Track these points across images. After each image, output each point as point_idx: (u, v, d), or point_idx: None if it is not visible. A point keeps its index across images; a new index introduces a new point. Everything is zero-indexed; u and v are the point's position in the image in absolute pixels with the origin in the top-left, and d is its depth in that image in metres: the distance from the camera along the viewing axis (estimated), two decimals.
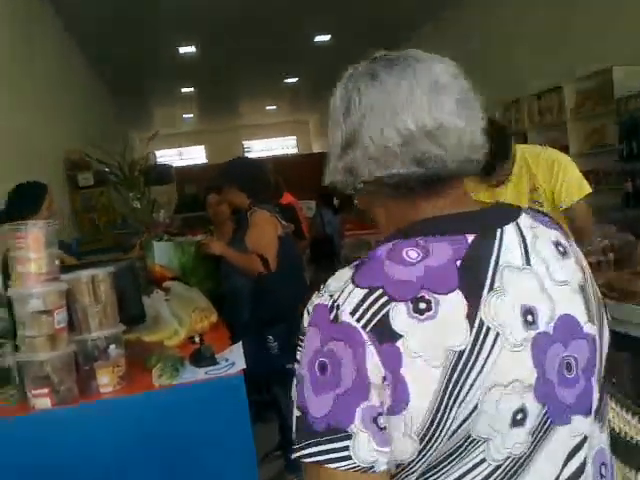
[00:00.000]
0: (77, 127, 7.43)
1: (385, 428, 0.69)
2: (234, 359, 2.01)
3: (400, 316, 0.69)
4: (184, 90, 12.41)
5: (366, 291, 0.71)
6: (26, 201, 2.84)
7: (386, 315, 0.69)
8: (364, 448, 0.68)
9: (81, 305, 1.85)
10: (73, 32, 7.62)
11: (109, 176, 6.34)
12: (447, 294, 0.71)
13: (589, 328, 0.80)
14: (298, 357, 0.74)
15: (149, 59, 9.38)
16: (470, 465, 0.73)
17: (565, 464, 0.77)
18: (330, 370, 0.69)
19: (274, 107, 16.03)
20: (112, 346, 1.88)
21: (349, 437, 0.68)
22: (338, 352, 0.69)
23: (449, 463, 0.73)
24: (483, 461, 0.73)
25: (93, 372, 1.83)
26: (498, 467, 0.73)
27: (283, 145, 18.77)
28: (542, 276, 0.78)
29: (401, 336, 0.68)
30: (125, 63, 9.26)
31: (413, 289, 0.70)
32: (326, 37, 9.40)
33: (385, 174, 0.77)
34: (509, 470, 0.74)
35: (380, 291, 0.70)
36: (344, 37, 9.20)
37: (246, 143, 18.31)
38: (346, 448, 0.67)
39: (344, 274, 0.74)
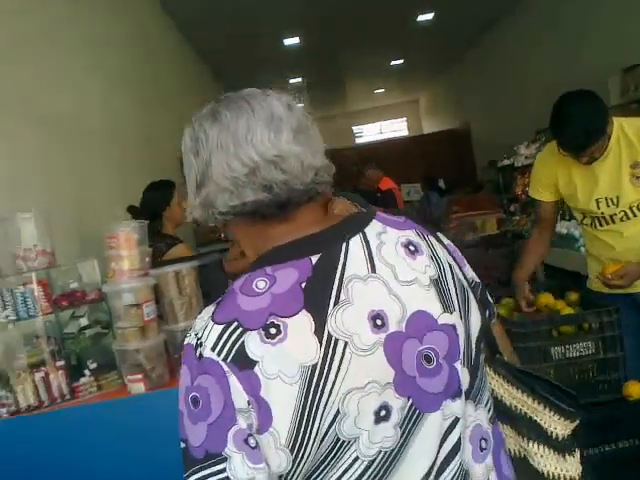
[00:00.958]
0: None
1: (257, 446, 0.75)
2: None
3: (254, 343, 0.76)
4: (292, 81, 12.65)
5: (223, 326, 0.78)
6: (157, 197, 3.15)
7: (242, 345, 0.76)
8: (240, 468, 0.74)
9: (168, 298, 1.99)
10: (185, 31, 8.03)
11: None
12: (293, 316, 0.77)
13: (446, 318, 0.86)
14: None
15: (256, 53, 9.67)
16: (346, 465, 0.78)
17: (440, 447, 0.83)
18: (201, 402, 0.76)
19: (382, 90, 15.91)
20: None
21: (225, 460, 0.74)
22: (205, 385, 0.76)
23: (325, 467, 0.79)
24: (357, 459, 0.78)
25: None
26: (372, 462, 0.79)
27: (394, 128, 18.60)
28: (388, 280, 0.83)
29: (257, 362, 0.75)
30: (234, 58, 9.61)
31: (263, 317, 0.77)
32: (429, 16, 9.21)
33: (238, 203, 0.84)
34: (384, 464, 0.80)
35: (235, 324, 0.77)
36: (446, 15, 8.99)
37: (356, 128, 18.34)
38: (223, 470, 0.74)
39: (207, 312, 0.82)
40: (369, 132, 18.54)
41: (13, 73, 3.13)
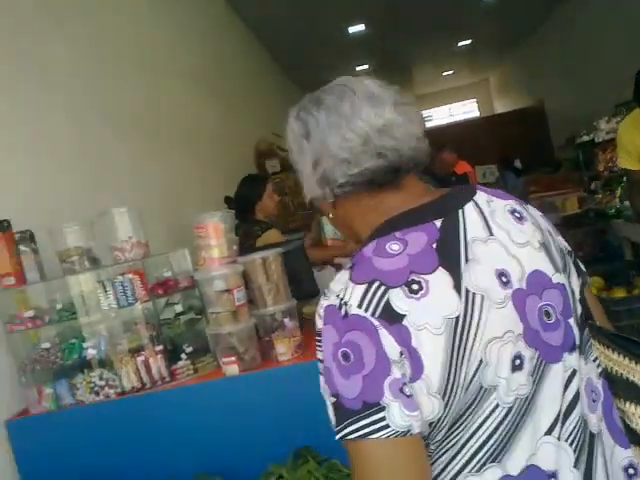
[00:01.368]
0: (263, 118, 7.98)
1: (411, 395, 0.80)
2: None
3: (399, 299, 0.81)
4: (359, 68, 12.61)
5: (365, 285, 0.82)
6: (251, 190, 3.35)
7: (387, 301, 0.81)
8: (398, 415, 0.78)
9: (256, 284, 2.07)
10: (254, 30, 8.17)
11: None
12: (432, 273, 0.83)
13: (558, 278, 0.92)
14: (320, 356, 0.86)
15: (322, 43, 9.71)
16: (487, 412, 0.85)
17: (563, 395, 0.90)
18: (353, 357, 0.80)
19: (451, 72, 15.61)
20: (287, 319, 2.08)
21: (383, 409, 0.78)
22: (356, 341, 0.80)
23: (470, 413, 0.85)
24: (497, 407, 0.85)
25: (272, 342, 2.05)
26: (510, 409, 0.85)
27: (464, 110, 18.22)
28: (505, 242, 0.90)
29: (404, 315, 0.80)
30: (300, 48, 9.68)
31: (403, 275, 0.82)
32: None
33: (356, 171, 0.91)
34: (520, 410, 0.86)
35: (377, 283, 0.82)
36: None
37: (425, 112, 18.08)
38: (383, 419, 0.78)
39: (343, 276, 0.86)
40: (438, 115, 18.24)
41: (97, 73, 3.30)
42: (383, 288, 0.81)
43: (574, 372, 0.92)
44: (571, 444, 0.89)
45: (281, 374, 2.01)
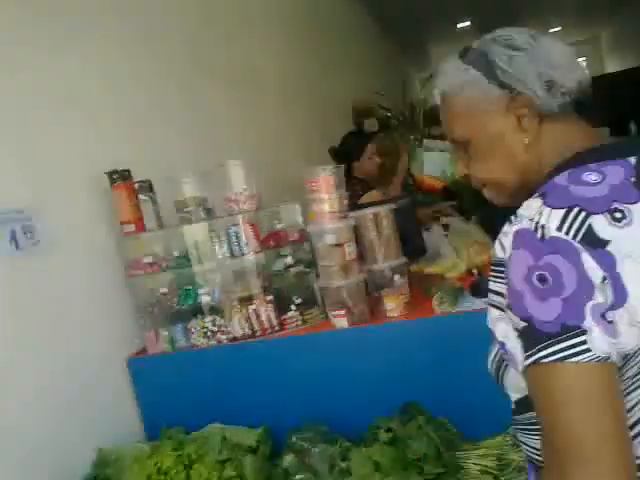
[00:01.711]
0: (362, 76, 7.88)
1: (612, 322, 0.76)
2: None
3: (601, 226, 0.78)
4: (460, 25, 12.14)
5: (564, 210, 0.79)
6: (352, 146, 3.32)
7: (589, 226, 0.78)
8: (600, 340, 0.75)
9: (367, 239, 2.06)
10: None
11: (391, 120, 6.63)
12: (635, 203, 0.80)
13: None
14: (496, 287, 0.86)
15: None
16: None
17: None
18: (551, 280, 0.77)
19: (559, 28, 14.71)
20: (396, 276, 2.07)
21: (584, 332, 0.75)
22: (555, 263, 0.77)
23: None
24: None
25: (381, 298, 2.04)
26: None
27: None
28: None
29: (608, 241, 0.77)
30: (399, 6, 9.42)
31: (606, 203, 0.80)
32: None
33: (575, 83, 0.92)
34: None
35: (577, 208, 0.79)
36: None
37: None
38: (583, 342, 0.75)
39: (534, 203, 0.83)
40: None
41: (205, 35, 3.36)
42: (584, 214, 0.79)
43: None
44: None
45: (389, 330, 2.01)
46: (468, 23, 12.13)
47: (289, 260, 2.18)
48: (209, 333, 2.13)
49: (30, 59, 2.06)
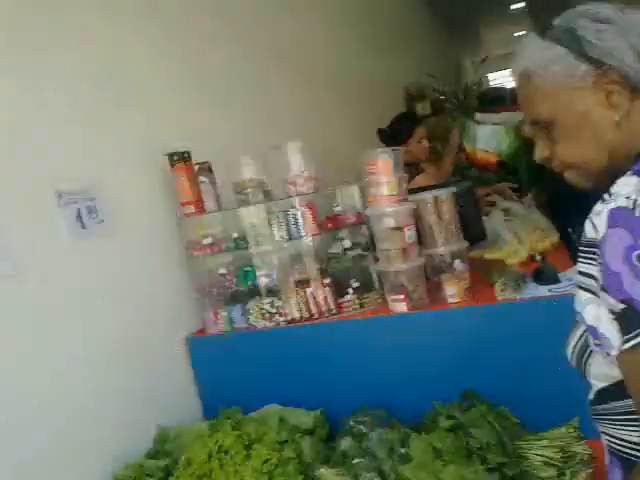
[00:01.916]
0: (413, 60, 7.75)
1: None
2: None
3: None
4: (513, 7, 11.79)
5: None
6: (401, 129, 3.26)
7: None
8: None
9: (427, 223, 2.03)
10: None
11: (444, 103, 6.52)
12: None
13: None
14: (586, 269, 0.82)
15: None
16: None
17: None
18: None
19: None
20: (457, 261, 2.03)
21: None
22: None
23: None
24: None
25: (441, 283, 2.01)
26: None
27: None
28: None
29: None
30: None
31: None
32: None
33: None
34: None
35: None
36: None
37: None
38: None
39: (630, 180, 0.81)
40: None
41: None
42: None
43: None
44: None
45: (449, 316, 1.97)
46: (522, 4, 11.76)
47: (347, 243, 2.16)
48: (267, 314, 2.14)
49: (97, 42, 2.09)
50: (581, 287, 0.84)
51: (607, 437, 0.91)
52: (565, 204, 2.57)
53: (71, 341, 1.81)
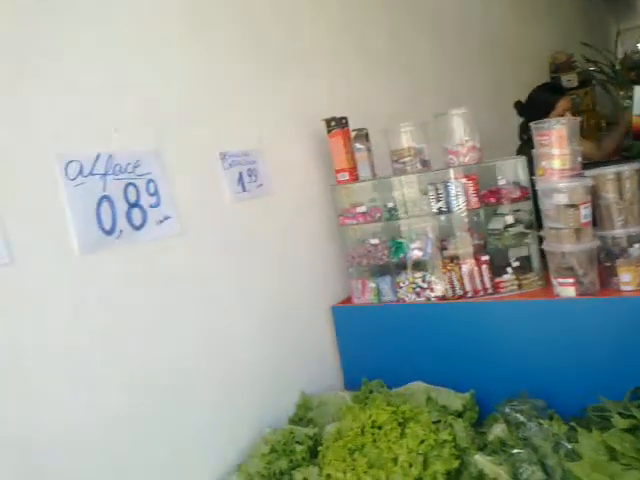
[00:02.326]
0: (561, 28, 7.22)
1: None
2: None
3: None
4: None
5: None
6: (543, 100, 2.98)
7: None
8: None
9: (605, 202, 1.84)
10: None
11: (596, 75, 6.02)
12: None
13: None
14: None
15: None
16: None
17: None
18: None
19: None
20: (636, 245, 1.83)
21: None
22: None
23: None
24: None
25: (614, 269, 1.83)
26: None
27: None
28: None
29: None
30: None
31: None
32: None
33: None
34: None
35: None
36: None
37: None
38: None
39: None
40: None
41: None
42: None
43: None
44: None
45: (624, 305, 1.79)
46: None
47: (509, 219, 2.02)
48: (418, 289, 2.06)
49: (258, 15, 2.08)
50: None
51: None
52: None
53: (228, 299, 1.83)
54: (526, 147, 2.91)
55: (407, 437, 1.56)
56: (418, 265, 2.09)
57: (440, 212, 2.01)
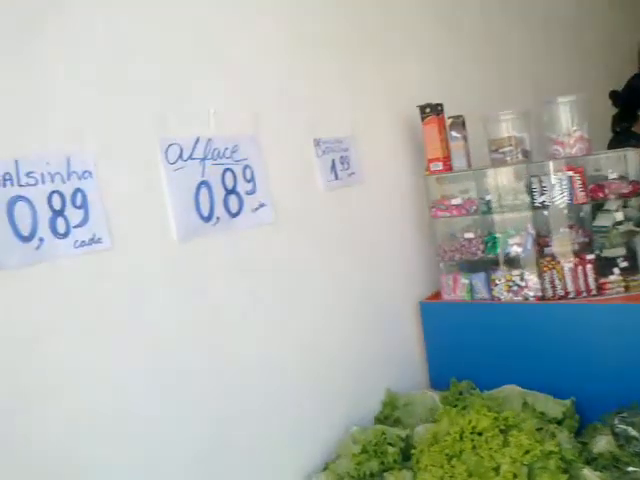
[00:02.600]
0: None
1: None
2: None
3: None
4: None
5: None
6: (637, 93, 2.80)
7: None
8: None
9: None
10: None
11: None
12: None
13: None
14: None
15: None
16: None
17: None
18: None
19: None
20: None
21: None
22: None
23: None
24: None
25: None
26: None
27: None
28: None
29: None
30: None
31: None
32: None
33: None
34: None
35: None
36: None
37: None
38: None
39: None
40: None
41: None
42: None
43: None
44: None
45: None
46: None
47: (619, 216, 1.87)
48: (515, 287, 1.95)
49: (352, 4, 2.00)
50: None
51: None
52: None
53: (320, 292, 1.77)
54: (624, 138, 2.73)
55: (511, 446, 1.46)
56: (513, 262, 1.97)
57: (543, 206, 1.88)
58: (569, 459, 1.51)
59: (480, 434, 1.52)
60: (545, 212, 1.90)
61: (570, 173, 1.85)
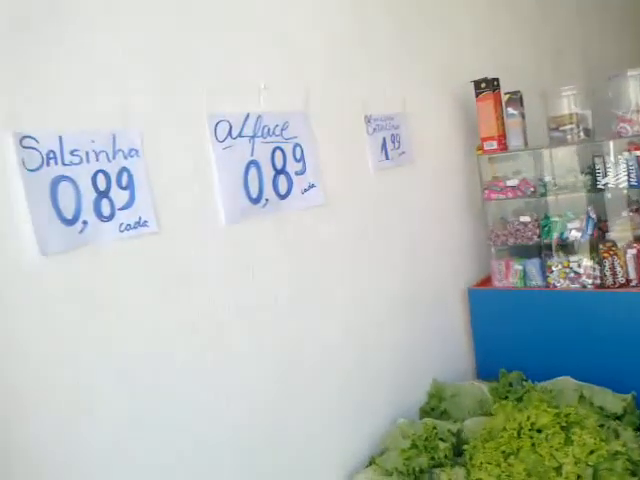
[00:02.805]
0: None
1: None
2: None
3: None
4: None
5: None
6: None
7: None
8: None
9: None
10: None
11: None
12: None
13: None
14: None
15: None
16: None
17: None
18: None
19: None
20: None
21: None
22: None
23: None
24: None
25: None
26: None
27: None
28: None
29: None
30: None
31: None
32: None
33: None
34: None
35: None
36: None
37: None
38: None
39: None
40: None
41: None
42: None
43: None
44: None
45: None
46: None
47: None
48: (572, 274, 1.84)
49: None
50: None
51: None
52: None
53: (368, 278, 1.69)
54: None
55: (574, 445, 1.37)
56: (569, 247, 1.86)
57: (607, 189, 1.77)
58: (635, 460, 1.42)
59: (539, 431, 1.43)
60: (608, 195, 1.79)
61: (637, 153, 1.72)
